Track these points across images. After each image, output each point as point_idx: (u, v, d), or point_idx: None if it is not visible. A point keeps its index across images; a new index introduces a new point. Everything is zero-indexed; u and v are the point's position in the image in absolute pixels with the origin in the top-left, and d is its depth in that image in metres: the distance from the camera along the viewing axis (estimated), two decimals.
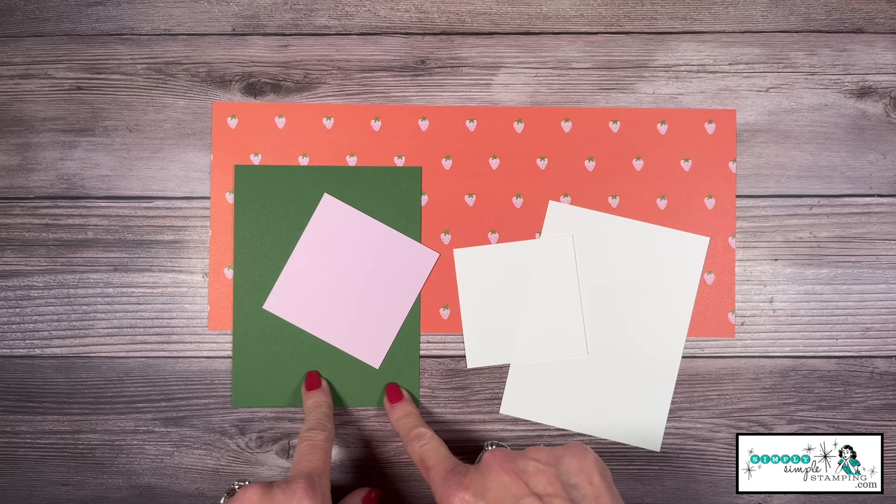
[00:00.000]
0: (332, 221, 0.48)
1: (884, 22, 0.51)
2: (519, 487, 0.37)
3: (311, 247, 0.48)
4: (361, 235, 0.48)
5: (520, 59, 0.50)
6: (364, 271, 0.49)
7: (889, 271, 0.50)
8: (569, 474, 0.38)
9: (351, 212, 0.48)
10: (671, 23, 0.50)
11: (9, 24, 0.50)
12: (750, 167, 0.50)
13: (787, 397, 0.50)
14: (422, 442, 0.43)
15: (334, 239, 0.48)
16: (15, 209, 0.50)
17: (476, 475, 0.38)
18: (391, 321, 0.49)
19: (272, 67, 0.50)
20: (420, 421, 0.46)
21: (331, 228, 0.48)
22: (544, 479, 0.37)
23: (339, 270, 0.48)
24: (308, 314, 0.49)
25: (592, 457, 0.38)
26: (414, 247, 0.48)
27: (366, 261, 0.49)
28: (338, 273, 0.48)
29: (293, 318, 0.49)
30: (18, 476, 0.49)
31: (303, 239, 0.48)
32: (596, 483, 0.37)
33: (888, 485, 0.49)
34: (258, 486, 0.39)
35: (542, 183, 0.50)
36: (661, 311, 0.49)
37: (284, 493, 0.38)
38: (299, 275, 0.49)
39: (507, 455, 0.39)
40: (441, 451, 0.43)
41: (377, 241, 0.49)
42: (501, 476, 0.38)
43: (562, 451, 0.39)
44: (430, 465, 0.41)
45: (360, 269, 0.49)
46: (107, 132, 0.50)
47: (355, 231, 0.48)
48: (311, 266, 0.49)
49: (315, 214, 0.48)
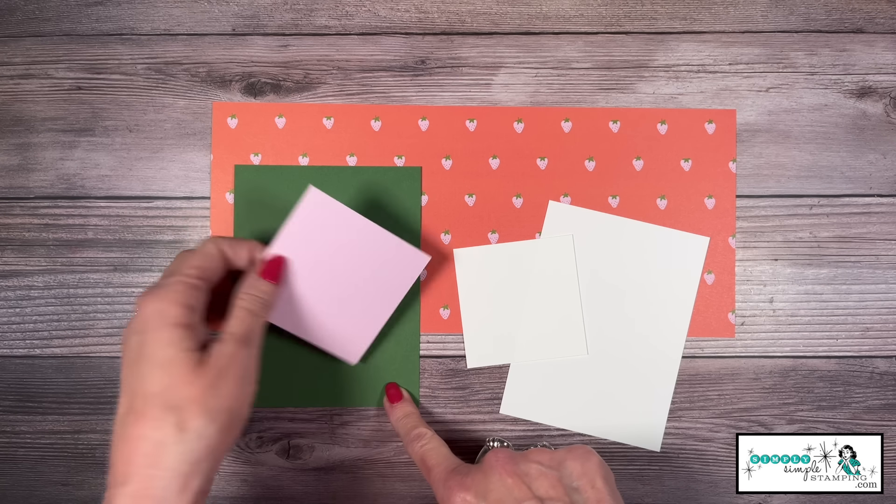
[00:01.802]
0: (316, 217, 0.44)
1: (884, 22, 0.51)
2: (521, 490, 0.37)
3: (293, 242, 0.44)
4: (348, 233, 0.45)
5: (520, 59, 0.50)
6: (347, 269, 0.45)
7: (889, 271, 0.50)
8: (571, 478, 0.37)
9: (339, 207, 0.45)
10: (671, 23, 0.51)
11: (9, 24, 0.50)
12: (750, 167, 0.50)
13: (787, 397, 0.50)
14: (422, 442, 0.43)
15: (317, 235, 0.44)
16: (15, 209, 0.50)
17: (478, 476, 0.38)
18: (373, 320, 0.47)
19: (272, 67, 0.50)
20: (420, 421, 0.46)
21: (315, 224, 0.44)
22: (547, 482, 0.37)
23: (321, 268, 0.45)
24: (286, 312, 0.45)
25: (596, 460, 0.38)
26: (405, 248, 0.46)
27: (350, 259, 0.45)
28: (319, 271, 0.45)
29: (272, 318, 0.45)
30: (18, 476, 0.49)
31: (285, 231, 0.44)
32: (598, 487, 0.37)
33: (888, 485, 0.49)
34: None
35: (542, 183, 0.50)
36: (662, 311, 0.49)
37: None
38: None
39: (509, 456, 0.39)
40: (442, 451, 0.42)
41: (365, 240, 0.45)
42: (504, 478, 0.37)
43: (565, 454, 0.39)
44: (431, 465, 0.41)
45: (344, 267, 0.45)
46: (107, 132, 0.50)
47: (341, 228, 0.45)
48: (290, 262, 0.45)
49: (300, 207, 0.44)
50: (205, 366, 0.36)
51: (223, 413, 0.36)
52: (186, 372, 0.35)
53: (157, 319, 0.36)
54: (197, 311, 0.37)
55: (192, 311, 0.37)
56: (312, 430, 0.50)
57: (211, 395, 0.35)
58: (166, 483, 0.34)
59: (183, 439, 0.34)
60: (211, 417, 0.35)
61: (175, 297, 0.36)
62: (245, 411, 0.38)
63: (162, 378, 0.35)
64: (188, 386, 0.35)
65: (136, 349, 0.36)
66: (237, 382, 0.37)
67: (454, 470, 0.40)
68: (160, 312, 0.36)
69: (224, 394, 0.36)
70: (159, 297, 0.36)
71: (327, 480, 0.50)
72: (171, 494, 0.34)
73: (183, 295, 0.37)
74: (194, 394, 0.35)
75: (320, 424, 0.50)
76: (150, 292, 0.37)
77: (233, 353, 0.37)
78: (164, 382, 0.35)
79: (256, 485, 0.49)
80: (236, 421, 0.37)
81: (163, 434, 0.34)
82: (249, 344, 0.39)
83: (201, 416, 0.35)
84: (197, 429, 0.34)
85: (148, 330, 0.36)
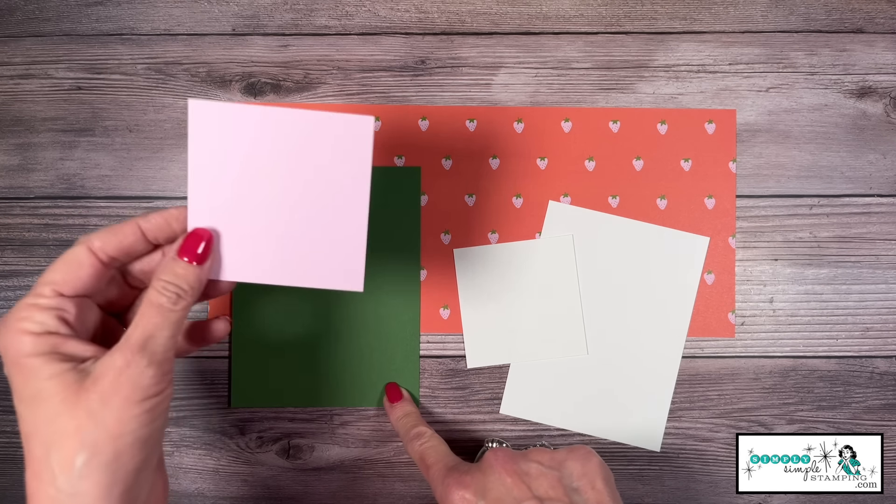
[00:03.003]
0: (219, 133, 0.34)
1: (884, 22, 0.51)
2: (521, 490, 0.37)
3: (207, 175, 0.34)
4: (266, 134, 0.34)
5: (520, 59, 0.50)
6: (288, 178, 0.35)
7: (889, 271, 0.50)
8: (571, 478, 0.37)
9: (238, 109, 0.34)
10: (671, 23, 0.50)
11: (9, 24, 0.50)
12: (750, 167, 0.50)
13: (787, 397, 0.50)
14: (422, 441, 0.43)
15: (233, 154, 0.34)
16: (15, 209, 0.50)
17: (477, 474, 0.38)
18: (352, 227, 0.36)
19: (272, 67, 0.50)
20: (420, 420, 0.46)
21: (222, 142, 0.34)
22: (546, 482, 0.37)
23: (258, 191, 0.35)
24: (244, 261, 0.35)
25: (596, 461, 0.38)
26: (339, 121, 0.35)
27: (285, 164, 0.35)
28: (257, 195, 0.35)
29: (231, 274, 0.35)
30: (18, 476, 0.49)
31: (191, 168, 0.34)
32: (599, 488, 0.37)
33: (888, 485, 0.49)
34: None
35: (542, 183, 0.50)
36: (661, 311, 0.49)
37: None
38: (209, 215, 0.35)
39: (509, 456, 0.39)
40: (441, 450, 0.42)
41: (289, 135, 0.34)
42: (503, 477, 0.37)
43: (565, 455, 0.39)
44: (430, 464, 0.41)
45: (283, 178, 0.35)
46: (107, 132, 0.50)
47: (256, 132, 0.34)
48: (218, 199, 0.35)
49: (190, 131, 0.34)
50: (85, 389, 0.29)
51: (107, 443, 0.29)
52: (59, 401, 0.29)
53: (5, 356, 0.30)
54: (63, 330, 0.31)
55: (45, 337, 0.30)
56: (312, 430, 0.50)
57: (90, 426, 0.29)
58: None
59: (67, 481, 0.28)
60: (91, 451, 0.29)
61: (18, 325, 0.30)
62: (146, 433, 0.30)
63: (32, 415, 0.29)
64: (62, 417, 0.29)
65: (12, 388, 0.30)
66: (126, 404, 0.29)
67: (453, 468, 0.40)
68: (5, 349, 0.30)
69: (107, 420, 0.29)
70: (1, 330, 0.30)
71: (327, 480, 0.50)
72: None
73: (28, 321, 0.30)
74: (70, 426, 0.29)
75: (320, 424, 0.50)
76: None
77: (122, 366, 0.29)
78: (36, 419, 0.29)
79: (256, 485, 0.49)
80: (132, 448, 0.30)
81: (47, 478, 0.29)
82: (148, 351, 0.30)
83: (78, 451, 0.28)
84: (77, 468, 0.28)
85: (5, 368, 0.30)
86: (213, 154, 0.34)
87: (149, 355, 0.30)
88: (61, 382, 0.29)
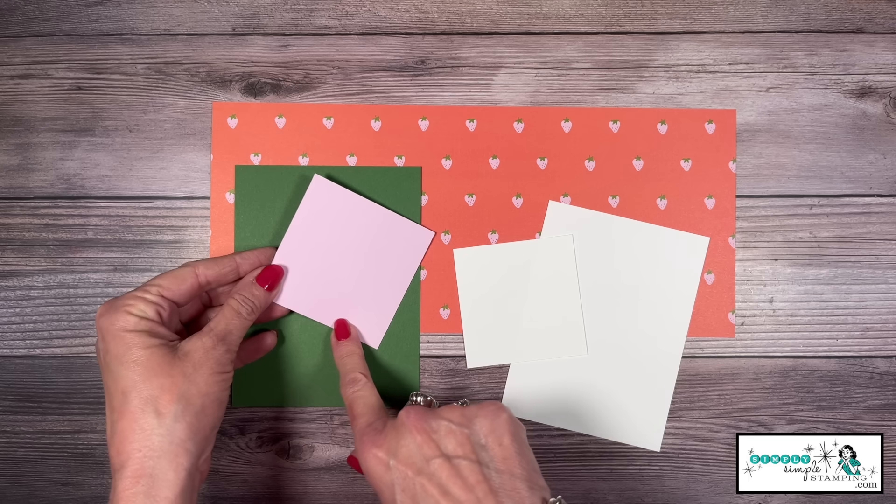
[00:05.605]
0: (323, 204, 0.47)
1: (884, 22, 0.51)
2: (430, 447, 0.37)
3: (303, 230, 0.47)
4: (355, 217, 0.48)
5: (520, 59, 0.50)
6: (358, 252, 0.48)
7: (889, 271, 0.50)
8: (479, 435, 0.38)
9: (343, 192, 0.48)
10: (671, 23, 0.51)
11: (9, 24, 0.50)
12: (750, 167, 0.50)
13: (787, 397, 0.50)
14: (355, 388, 0.44)
15: (326, 221, 0.47)
16: (15, 209, 0.50)
17: (391, 432, 0.39)
18: (388, 302, 0.48)
19: (272, 67, 0.50)
20: (361, 364, 0.46)
21: (323, 211, 0.47)
22: (455, 439, 0.38)
23: (333, 252, 0.48)
24: (303, 298, 0.48)
25: (505, 416, 0.38)
26: (409, 226, 0.48)
27: (360, 241, 0.48)
28: (331, 255, 0.48)
29: (289, 303, 0.47)
30: (18, 476, 0.49)
31: (294, 222, 0.47)
32: (506, 444, 0.37)
33: (888, 485, 0.49)
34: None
35: (542, 183, 0.50)
36: (662, 311, 0.49)
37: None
38: (292, 258, 0.47)
39: (420, 414, 0.39)
40: (370, 402, 0.43)
41: (371, 222, 0.48)
42: (414, 435, 0.38)
43: (475, 411, 0.39)
44: (356, 415, 0.42)
45: (355, 250, 0.48)
46: (107, 132, 0.50)
47: (348, 212, 0.48)
48: (303, 249, 0.47)
49: (306, 196, 0.47)
50: (179, 358, 0.39)
51: (198, 398, 0.39)
52: (156, 365, 0.38)
53: (109, 329, 0.39)
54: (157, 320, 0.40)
55: (145, 321, 0.40)
56: (312, 430, 0.50)
57: (184, 383, 0.39)
58: (156, 461, 0.37)
59: (162, 423, 0.37)
60: (186, 402, 0.38)
61: (125, 307, 0.39)
62: (222, 397, 0.41)
63: (131, 375, 0.38)
64: (161, 377, 0.38)
65: (104, 356, 0.39)
66: (211, 373, 0.40)
67: (371, 425, 0.41)
68: (111, 323, 0.39)
69: (198, 381, 0.39)
70: (108, 310, 0.40)
71: (327, 480, 0.50)
72: (163, 471, 0.37)
73: (133, 307, 0.40)
74: (167, 383, 0.38)
75: (320, 424, 0.50)
76: (103, 306, 0.40)
77: (209, 346, 0.40)
78: (134, 378, 0.38)
79: (256, 485, 0.49)
80: (213, 405, 0.40)
81: (144, 422, 0.37)
82: (227, 342, 0.41)
83: (176, 401, 0.38)
84: (173, 412, 0.38)
85: (106, 339, 0.39)
86: (313, 216, 0.47)
87: (227, 344, 0.41)
88: (157, 353, 0.39)
